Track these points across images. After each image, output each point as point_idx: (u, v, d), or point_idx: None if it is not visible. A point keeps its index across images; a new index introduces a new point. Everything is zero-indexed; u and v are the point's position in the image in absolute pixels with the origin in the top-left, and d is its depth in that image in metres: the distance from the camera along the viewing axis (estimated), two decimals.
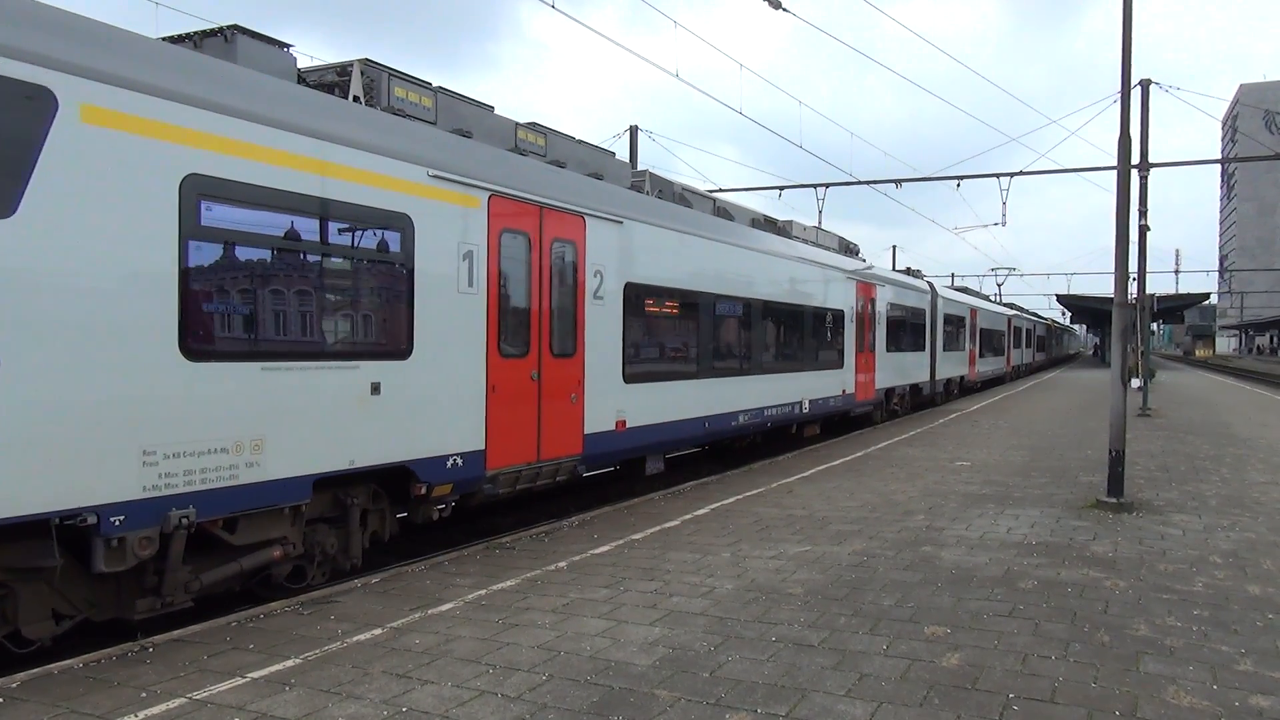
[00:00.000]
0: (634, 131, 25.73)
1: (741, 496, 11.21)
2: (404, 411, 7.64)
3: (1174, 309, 55.20)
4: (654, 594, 6.84)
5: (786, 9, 13.98)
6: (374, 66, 8.35)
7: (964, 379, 31.76)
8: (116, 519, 5.59)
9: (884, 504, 10.56)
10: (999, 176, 25.69)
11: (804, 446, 16.75)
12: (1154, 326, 45.75)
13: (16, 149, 5.14)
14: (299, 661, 5.43)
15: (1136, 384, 23.49)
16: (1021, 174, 25.14)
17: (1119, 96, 10.96)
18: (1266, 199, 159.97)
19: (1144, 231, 21.44)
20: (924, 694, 4.86)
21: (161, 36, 6.99)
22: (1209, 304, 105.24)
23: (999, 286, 55.61)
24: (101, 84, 5.52)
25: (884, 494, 11.25)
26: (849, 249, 20.80)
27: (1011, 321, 44.69)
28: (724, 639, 5.78)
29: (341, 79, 8.23)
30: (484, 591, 6.96)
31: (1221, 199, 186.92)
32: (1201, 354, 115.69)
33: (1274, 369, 65.21)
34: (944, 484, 12.05)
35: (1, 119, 5.06)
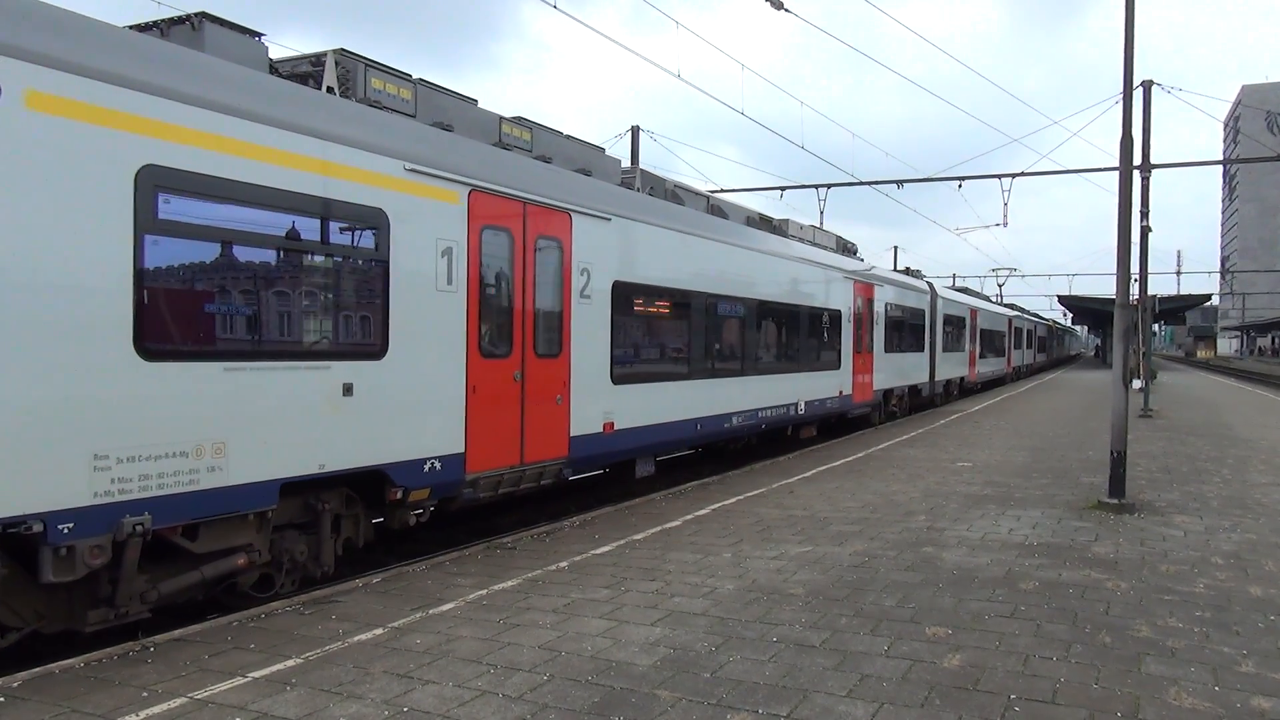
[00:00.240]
0: (635, 132, 25.75)
1: (743, 497, 11.20)
2: (378, 413, 7.37)
3: (1175, 310, 55.18)
4: (655, 594, 6.84)
5: (788, 10, 13.98)
6: (350, 57, 8.10)
7: (964, 380, 31.64)
8: (65, 526, 5.31)
9: (885, 505, 10.55)
10: (1001, 177, 25.69)
11: (801, 448, 16.62)
12: (1155, 327, 45.74)
13: None
14: (300, 661, 5.43)
15: (1138, 385, 23.49)
16: (1023, 175, 25.13)
17: (1121, 97, 10.96)
18: (1268, 200, 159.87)
19: (1146, 232, 21.43)
20: (925, 695, 4.85)
21: (129, 25, 6.80)
22: (1210, 305, 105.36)
23: (1000, 287, 55.56)
24: (49, 69, 5.23)
25: (885, 495, 11.25)
26: (847, 248, 20.62)
27: (1012, 322, 44.65)
28: (725, 639, 5.78)
29: (316, 69, 7.98)
30: (485, 591, 6.96)
31: (1223, 200, 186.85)
32: (1203, 355, 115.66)
33: (1275, 370, 65.18)
34: (945, 485, 12.04)
35: None
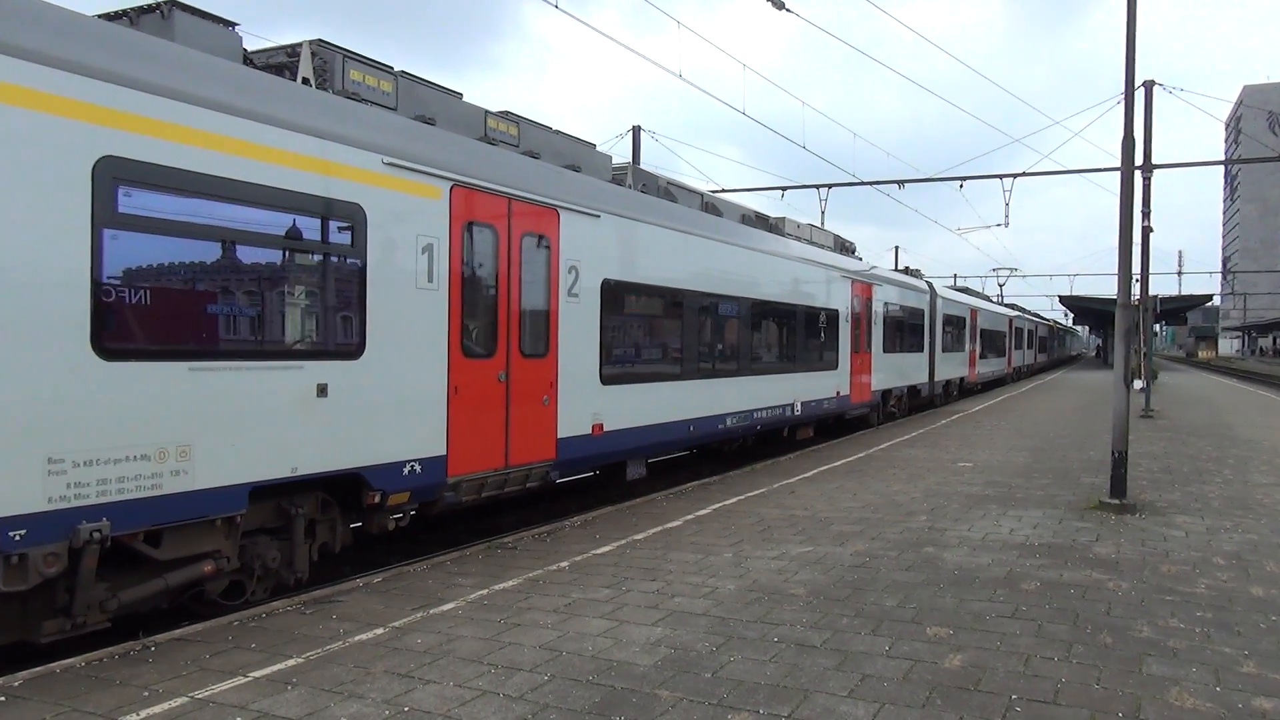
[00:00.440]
0: (636, 131, 25.75)
1: (743, 497, 11.20)
2: (354, 415, 7.16)
3: (1177, 310, 55.17)
4: (656, 594, 6.84)
5: (790, 9, 13.98)
6: (327, 47, 7.90)
7: (964, 380, 31.50)
8: (16, 533, 5.10)
9: (886, 505, 10.55)
10: (1002, 177, 25.68)
11: (797, 450, 16.48)
12: (1157, 328, 45.71)
13: None
14: (301, 661, 5.43)
15: (1139, 385, 23.47)
16: (1024, 175, 25.12)
17: (1122, 98, 10.95)
18: (1270, 200, 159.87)
19: (1147, 233, 21.41)
20: (926, 695, 4.85)
21: (100, 13, 6.62)
22: (1212, 305, 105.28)
23: (1000, 287, 55.54)
24: None
25: (886, 495, 11.24)
26: (845, 247, 20.43)
27: (1013, 322, 44.61)
28: (726, 639, 5.78)
29: (291, 60, 7.77)
30: (486, 591, 6.96)
31: (1225, 200, 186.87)
32: (1204, 355, 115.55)
33: (1277, 370, 65.13)
34: (946, 485, 12.04)
35: None
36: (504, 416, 8.79)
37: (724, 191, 25.47)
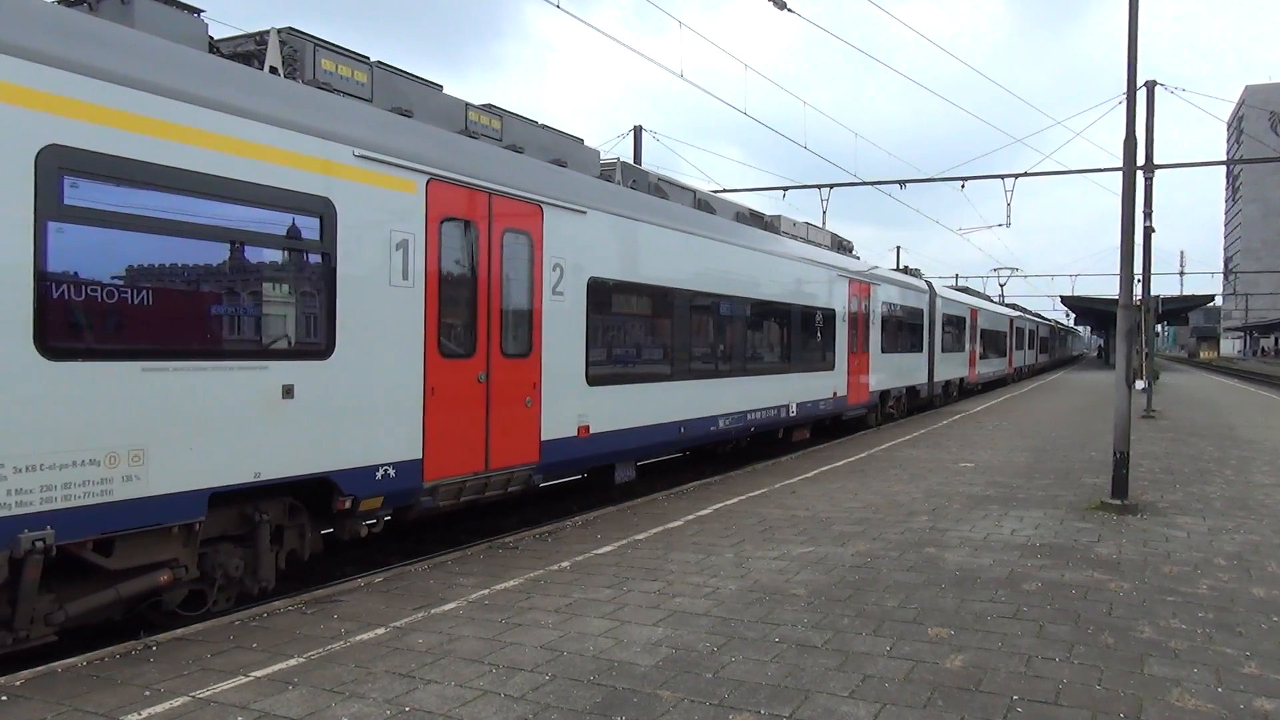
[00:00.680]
0: (638, 131, 25.76)
1: (744, 497, 11.20)
2: (323, 417, 6.87)
3: (1178, 311, 55.13)
4: (657, 594, 6.84)
5: (791, 9, 13.98)
6: (298, 36, 7.63)
7: (964, 381, 31.34)
8: None
9: (887, 505, 10.55)
10: (1004, 177, 25.69)
11: (793, 452, 16.26)
12: (1158, 328, 45.67)
13: None
14: (302, 660, 5.43)
15: (1141, 386, 23.45)
16: (1026, 175, 25.13)
17: (1124, 98, 10.94)
18: (1272, 201, 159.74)
19: (1149, 233, 21.39)
20: (927, 695, 4.85)
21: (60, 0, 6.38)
22: (1214, 306, 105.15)
23: (1001, 287, 55.49)
24: None
25: (887, 495, 11.24)
26: (842, 246, 20.19)
27: (1014, 322, 44.56)
28: (727, 639, 5.77)
29: (259, 49, 7.53)
30: (487, 591, 6.96)
31: (1227, 201, 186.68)
32: (1206, 356, 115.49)
33: (1278, 371, 65.05)
34: (947, 485, 12.03)
35: None
36: (484, 418, 8.54)
37: (725, 191, 25.47)
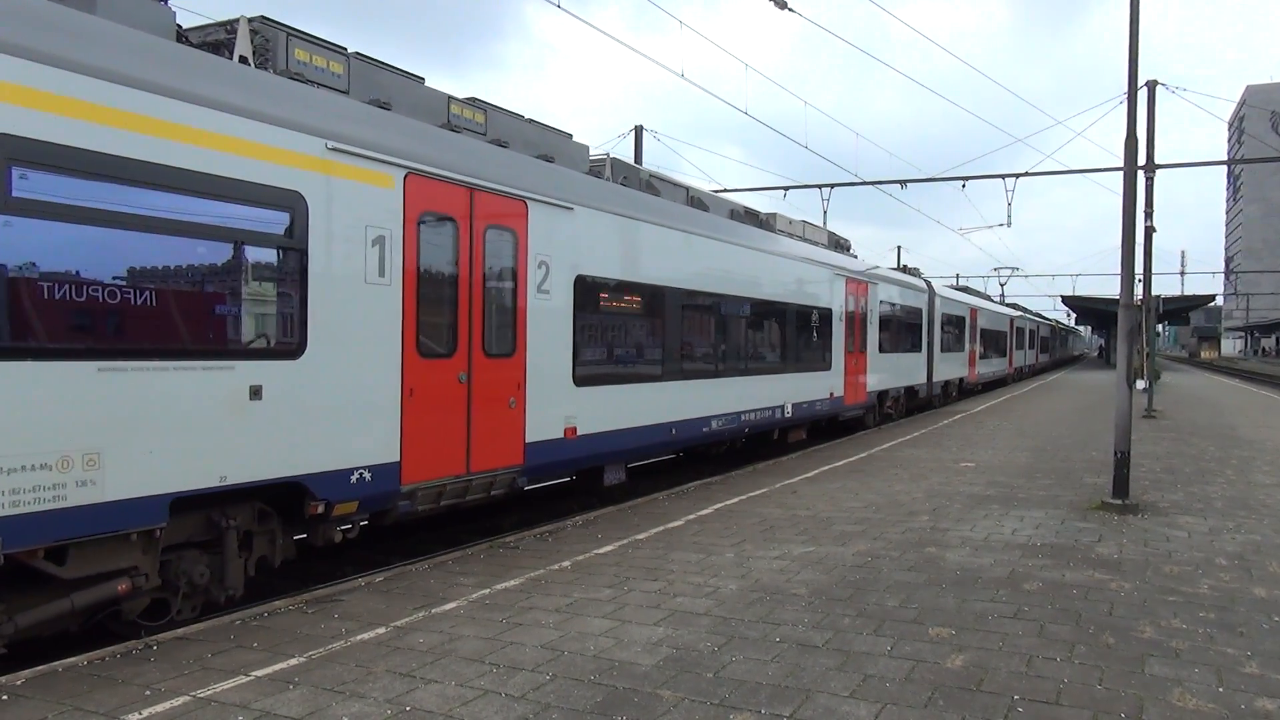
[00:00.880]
0: (639, 131, 25.77)
1: (745, 497, 11.20)
2: (294, 419, 6.63)
3: (1179, 310, 55.08)
4: (658, 594, 6.84)
5: (792, 9, 13.98)
6: (271, 25, 7.41)
7: (963, 381, 31.16)
8: None
9: (888, 505, 10.54)
10: (1004, 177, 25.67)
11: (786, 453, 16.06)
12: (1159, 328, 45.67)
13: None
14: (303, 660, 5.43)
15: (1142, 385, 23.43)
16: (1027, 175, 25.10)
17: (1125, 98, 10.94)
18: (1273, 200, 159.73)
19: (1150, 233, 21.39)
20: (928, 695, 4.85)
21: None
22: (1214, 306, 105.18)
23: (1002, 286, 55.49)
24: None
25: (888, 495, 11.24)
26: (840, 245, 19.88)
27: (1014, 322, 44.51)
28: (728, 639, 5.77)
29: (230, 37, 7.27)
30: (487, 591, 6.96)
31: (1228, 200, 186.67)
32: (1207, 356, 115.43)
33: (1279, 371, 65.01)
34: (948, 485, 12.03)
35: None
36: (465, 420, 8.30)
37: (726, 191, 25.47)
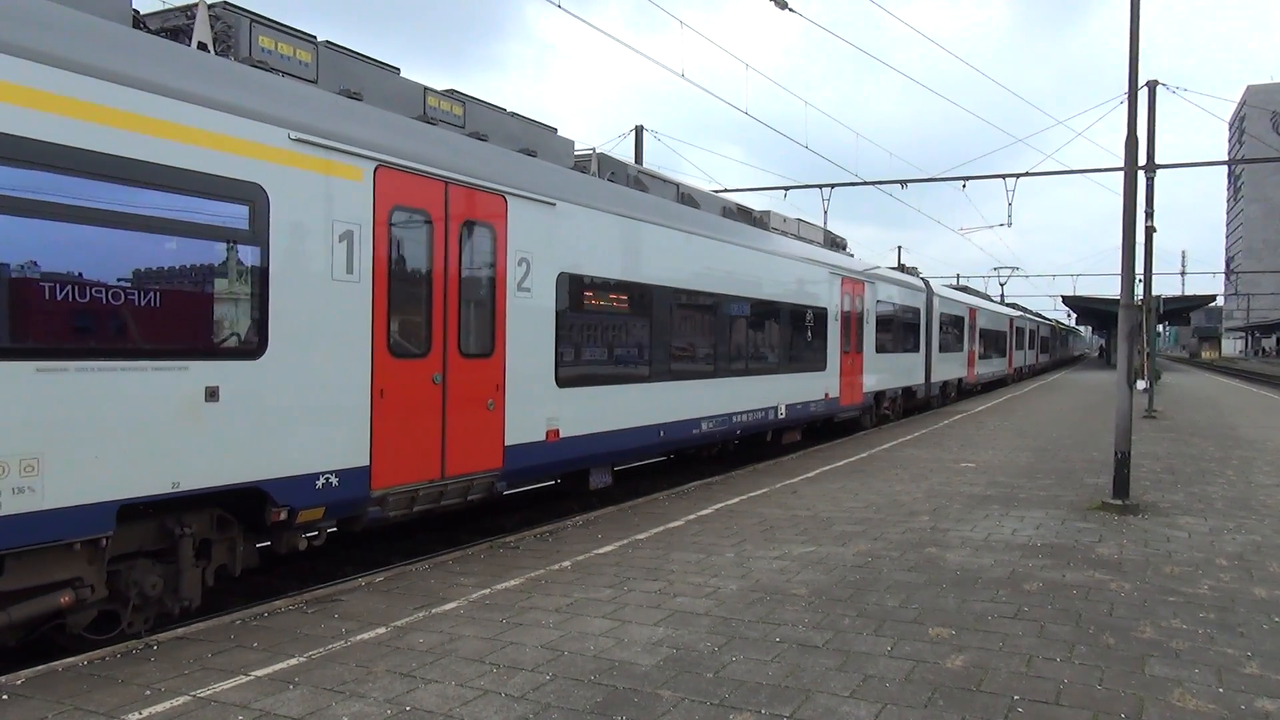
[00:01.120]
0: (639, 131, 25.78)
1: (746, 497, 11.20)
2: (253, 422, 6.36)
3: (1180, 311, 55.11)
4: (658, 594, 6.84)
5: (793, 9, 13.98)
6: (233, 11, 7.14)
7: (962, 381, 30.92)
8: None
9: (888, 505, 10.54)
10: (1005, 177, 25.69)
11: (783, 455, 15.85)
12: (1160, 328, 45.68)
13: None
14: (303, 660, 5.43)
15: (1142, 385, 23.43)
16: (1027, 175, 25.13)
17: (1126, 98, 10.94)
18: (1273, 200, 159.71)
19: (1150, 233, 21.39)
20: (928, 695, 4.85)
21: None
22: (1215, 306, 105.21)
23: (1001, 286, 55.51)
24: None
25: (888, 495, 11.24)
26: (835, 243, 19.68)
27: (1014, 322, 44.47)
28: (728, 639, 5.77)
29: (189, 23, 7.02)
30: (488, 591, 6.96)
31: (1228, 200, 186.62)
32: (1207, 356, 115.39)
33: None
34: (949, 485, 12.03)
35: None
36: (440, 422, 8.00)
37: (726, 191, 25.48)
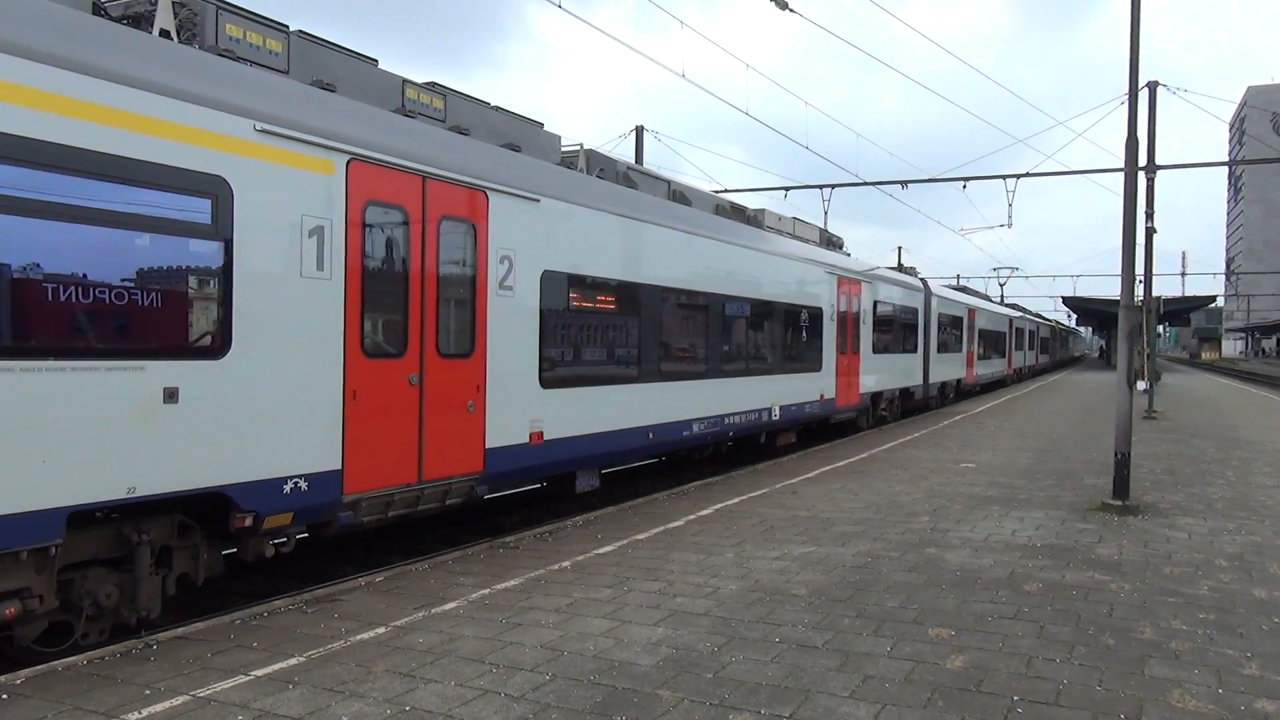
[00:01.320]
0: (639, 131, 25.78)
1: (745, 497, 11.20)
2: (215, 424, 6.11)
3: (1180, 311, 55.13)
4: (658, 594, 6.84)
5: (793, 9, 13.98)
6: None
7: (961, 382, 30.65)
8: None
9: (888, 505, 10.54)
10: (1005, 178, 25.68)
11: (782, 456, 15.70)
12: (1160, 329, 45.70)
13: None
14: (302, 660, 5.43)
15: (1142, 386, 23.43)
16: (1028, 175, 25.15)
17: (1126, 98, 10.94)
18: (1274, 201, 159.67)
19: (1150, 234, 21.38)
20: (928, 696, 4.85)
21: None
22: (1215, 307, 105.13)
23: (1001, 286, 55.49)
24: None
25: (888, 495, 11.24)
26: (832, 242, 19.48)
27: (1013, 322, 44.40)
28: (728, 639, 5.77)
29: (151, 10, 6.82)
30: (487, 591, 6.96)
31: (1228, 201, 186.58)
32: (1207, 356, 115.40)
33: None
34: (949, 485, 12.03)
35: None
36: (416, 425, 7.76)
37: (727, 191, 25.47)
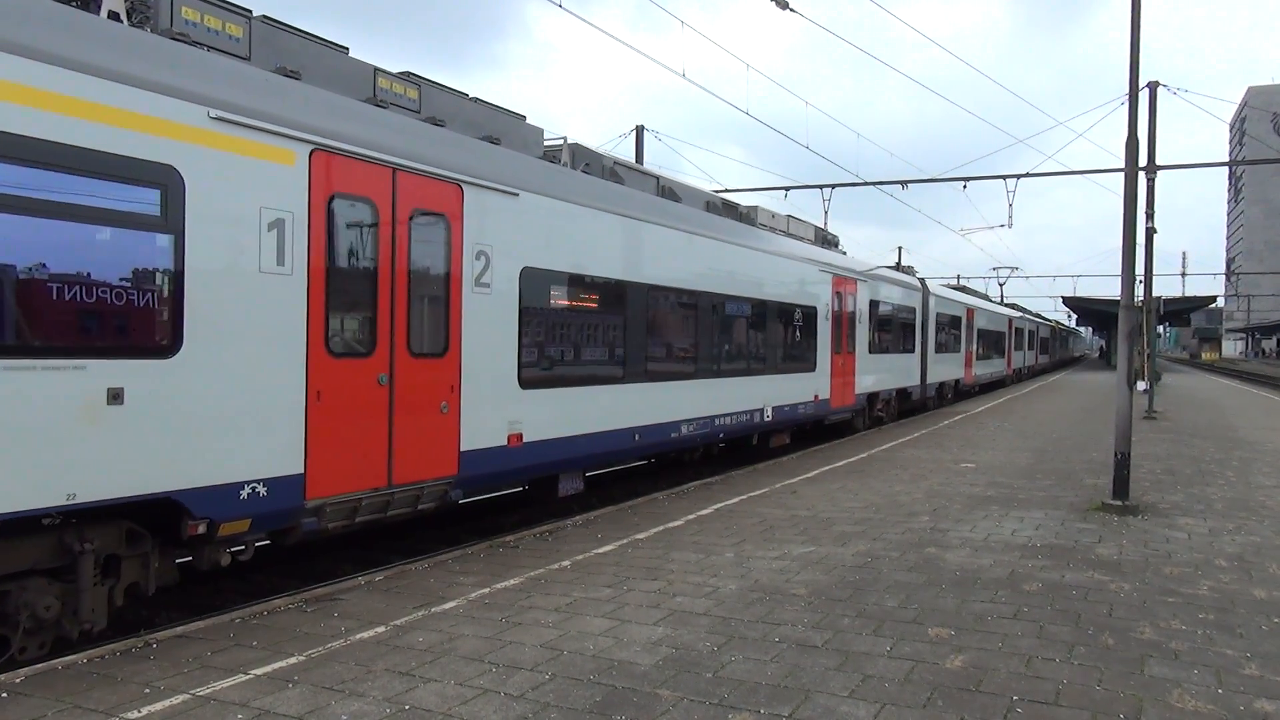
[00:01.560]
0: (640, 131, 25.79)
1: (745, 497, 11.20)
2: (165, 426, 5.82)
3: (1180, 312, 55.16)
4: (657, 594, 6.84)
5: (794, 9, 13.99)
6: None
7: (959, 383, 30.45)
8: None
9: (888, 505, 10.54)
10: (1005, 178, 25.69)
11: (773, 458, 15.48)
12: (1160, 329, 45.70)
13: None
14: (302, 659, 5.44)
15: (1142, 387, 23.43)
16: (1028, 175, 25.15)
17: (1126, 99, 10.94)
18: (1274, 202, 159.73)
19: (1151, 234, 21.38)
20: (927, 696, 4.85)
21: None
22: (1215, 307, 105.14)
23: (1001, 286, 55.45)
24: None
25: (888, 495, 11.24)
26: (827, 241, 19.19)
27: (1013, 322, 44.33)
28: (727, 639, 5.78)
29: None
30: (487, 590, 6.96)
31: (1229, 202, 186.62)
32: (1208, 357, 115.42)
33: None
34: (948, 485, 12.03)
35: None
36: (386, 427, 7.47)
37: (727, 191, 25.48)
